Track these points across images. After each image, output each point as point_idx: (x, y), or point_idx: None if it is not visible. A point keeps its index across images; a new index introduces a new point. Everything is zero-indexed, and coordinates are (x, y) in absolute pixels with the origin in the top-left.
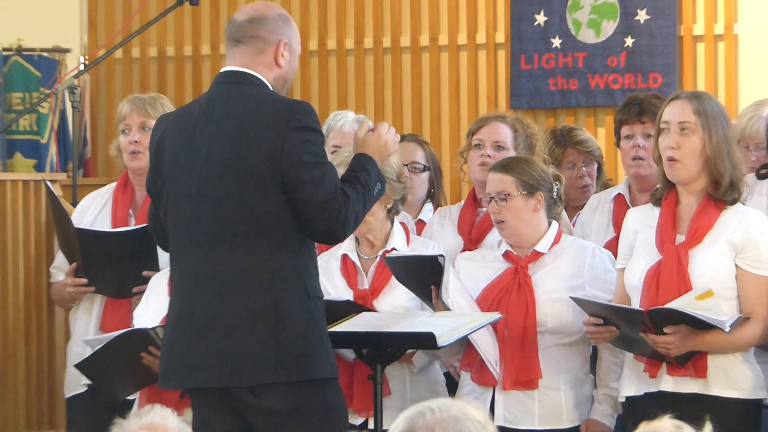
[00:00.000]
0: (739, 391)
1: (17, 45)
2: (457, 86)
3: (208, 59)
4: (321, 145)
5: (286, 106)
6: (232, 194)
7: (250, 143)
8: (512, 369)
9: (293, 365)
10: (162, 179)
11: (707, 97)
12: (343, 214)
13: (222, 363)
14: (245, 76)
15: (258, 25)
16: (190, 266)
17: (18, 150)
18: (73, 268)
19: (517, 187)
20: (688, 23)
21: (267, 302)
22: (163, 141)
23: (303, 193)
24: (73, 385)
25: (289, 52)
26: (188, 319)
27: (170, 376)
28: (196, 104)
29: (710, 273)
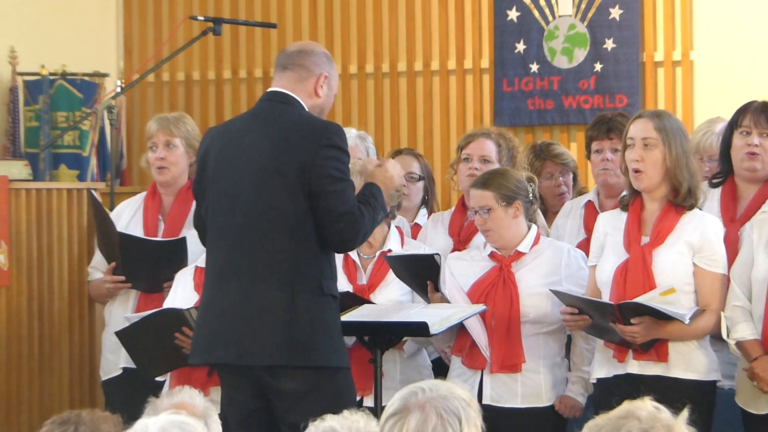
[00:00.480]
0: (696, 374)
1: (62, 70)
2: (447, 106)
3: (229, 82)
4: (346, 164)
5: (321, 126)
6: (265, 197)
7: (286, 154)
8: (498, 354)
9: (301, 352)
10: (205, 181)
11: (667, 116)
12: (356, 228)
13: (240, 343)
14: (287, 97)
15: (305, 56)
16: (223, 256)
17: (63, 162)
18: (112, 267)
19: (497, 200)
20: (650, 51)
21: (285, 295)
22: (209, 148)
23: (326, 203)
24: (109, 369)
25: (327, 87)
26: (217, 303)
27: (195, 353)
28: (241, 118)
29: (671, 270)
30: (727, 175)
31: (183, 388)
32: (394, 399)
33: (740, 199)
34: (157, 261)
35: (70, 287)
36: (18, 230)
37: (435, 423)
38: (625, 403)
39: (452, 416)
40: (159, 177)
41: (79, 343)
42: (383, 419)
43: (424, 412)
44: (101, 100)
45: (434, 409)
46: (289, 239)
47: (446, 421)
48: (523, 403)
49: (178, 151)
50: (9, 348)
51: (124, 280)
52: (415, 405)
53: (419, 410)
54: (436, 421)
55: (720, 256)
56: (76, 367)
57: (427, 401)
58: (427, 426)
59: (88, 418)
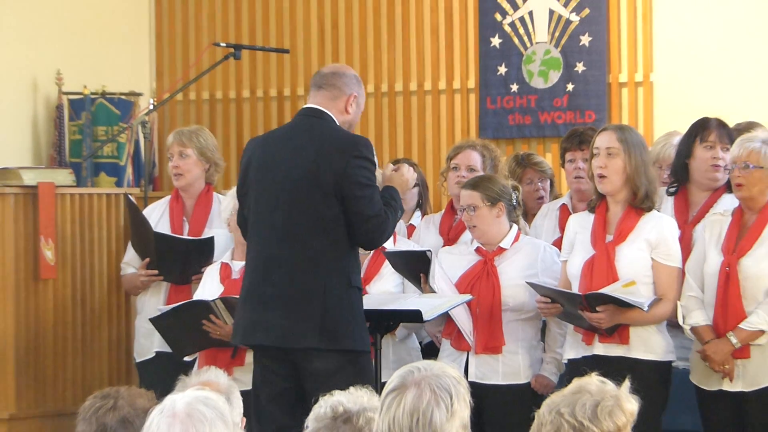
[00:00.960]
0: (654, 355)
1: (102, 90)
2: (438, 121)
3: (248, 101)
4: (373, 172)
5: (352, 139)
6: (302, 200)
7: (321, 164)
8: (482, 338)
9: (333, 337)
10: (248, 185)
11: (629, 129)
12: (382, 228)
13: (278, 328)
14: (321, 113)
15: (338, 77)
16: (264, 251)
17: (102, 170)
18: (146, 262)
19: (483, 200)
20: (615, 73)
21: (318, 286)
22: (251, 156)
23: (356, 206)
24: (143, 352)
25: (356, 105)
26: (258, 292)
27: (237, 335)
28: (281, 129)
29: (632, 264)
30: (681, 184)
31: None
32: (394, 377)
33: (692, 204)
34: (188, 257)
35: (108, 279)
36: (63, 230)
37: (429, 398)
38: (575, 381)
39: (444, 392)
40: (175, 183)
41: (116, 328)
42: (384, 395)
43: (420, 388)
44: (136, 116)
45: (428, 386)
46: (323, 238)
47: (439, 396)
48: (503, 380)
49: (190, 160)
50: (55, 332)
51: (157, 274)
52: (411, 382)
53: (415, 387)
54: (430, 396)
55: (675, 252)
56: (113, 349)
57: (423, 379)
58: (422, 401)
59: (126, 393)
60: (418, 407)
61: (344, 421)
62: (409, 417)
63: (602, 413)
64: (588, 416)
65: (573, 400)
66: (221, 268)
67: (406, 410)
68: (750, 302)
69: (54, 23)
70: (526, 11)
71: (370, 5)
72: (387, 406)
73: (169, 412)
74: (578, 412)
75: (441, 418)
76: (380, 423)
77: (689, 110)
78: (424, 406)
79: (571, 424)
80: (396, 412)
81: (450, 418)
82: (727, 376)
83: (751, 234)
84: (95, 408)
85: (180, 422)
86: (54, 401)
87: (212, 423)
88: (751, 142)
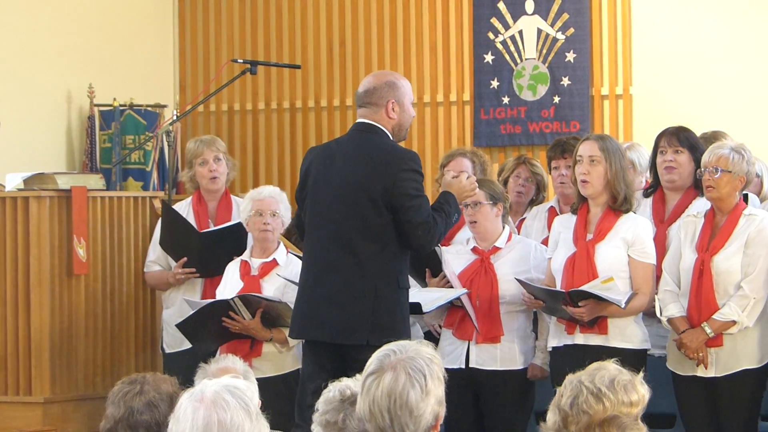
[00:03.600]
0: (630, 344)
1: (130, 102)
2: (436, 130)
3: (263, 112)
4: (421, 183)
5: (401, 153)
6: (355, 209)
7: (372, 175)
8: (483, 328)
9: (383, 333)
10: (306, 191)
11: (608, 138)
12: (431, 234)
13: (333, 325)
14: (373, 128)
15: (370, 95)
16: (321, 254)
17: (130, 175)
18: (183, 261)
19: (486, 198)
20: (597, 86)
21: (370, 287)
22: (310, 165)
23: (406, 215)
24: (176, 344)
25: (398, 106)
26: (315, 291)
27: (294, 329)
28: (337, 141)
29: (610, 261)
30: (657, 187)
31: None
32: (372, 359)
33: (667, 204)
34: (226, 245)
35: (135, 275)
36: (94, 230)
37: (404, 380)
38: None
39: (418, 373)
40: (212, 186)
41: (142, 320)
42: (363, 377)
43: (396, 371)
44: (161, 126)
45: (403, 369)
46: (374, 244)
47: (413, 378)
48: (501, 366)
49: (222, 164)
50: (87, 323)
51: (194, 271)
52: (388, 366)
53: (391, 370)
54: (405, 378)
55: (649, 249)
56: (140, 339)
57: (398, 362)
58: (398, 383)
59: (152, 379)
60: (395, 389)
61: (351, 403)
62: (387, 398)
63: (618, 385)
64: (606, 384)
65: (593, 373)
66: (241, 265)
67: (384, 392)
68: (722, 295)
69: (87, 41)
70: (516, 30)
71: (375, 25)
72: (367, 389)
73: (198, 396)
74: (597, 380)
75: (416, 398)
76: (361, 404)
77: (666, 120)
78: (400, 389)
79: (589, 389)
80: (375, 394)
81: (425, 397)
82: (702, 363)
83: (722, 233)
84: (123, 392)
85: (205, 407)
86: (85, 386)
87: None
88: (721, 149)
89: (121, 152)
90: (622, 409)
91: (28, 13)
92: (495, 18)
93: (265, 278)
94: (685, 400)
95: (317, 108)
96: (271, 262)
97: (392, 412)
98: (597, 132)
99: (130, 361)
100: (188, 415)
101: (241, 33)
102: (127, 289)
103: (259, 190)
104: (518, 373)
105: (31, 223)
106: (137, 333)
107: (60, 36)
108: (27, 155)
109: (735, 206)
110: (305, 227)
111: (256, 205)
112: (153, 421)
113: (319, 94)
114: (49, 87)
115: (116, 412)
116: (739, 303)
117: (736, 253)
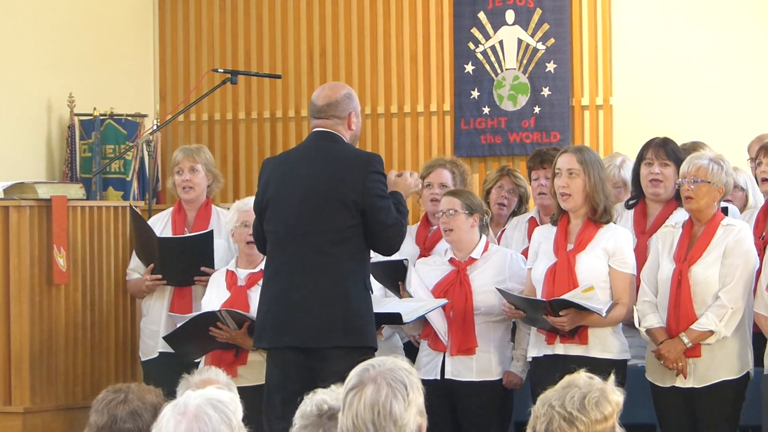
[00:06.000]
0: (610, 354)
1: (110, 111)
2: (417, 140)
3: (243, 122)
4: (386, 185)
5: (366, 156)
6: (323, 214)
7: (339, 179)
8: (456, 340)
9: (355, 335)
10: (267, 201)
11: (587, 150)
12: (401, 233)
13: (306, 330)
14: (333, 135)
15: (333, 108)
16: (288, 260)
17: (110, 185)
18: (150, 268)
19: (462, 207)
20: (577, 97)
21: (341, 290)
22: (271, 174)
23: (377, 216)
24: (149, 351)
25: (356, 118)
26: (285, 297)
27: (264, 338)
28: (296, 150)
29: (590, 271)
30: (639, 198)
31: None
32: (351, 375)
33: (648, 215)
34: (190, 257)
35: (115, 284)
36: (74, 239)
37: (386, 391)
38: (566, 377)
39: (399, 384)
40: (185, 195)
41: (123, 329)
42: (344, 393)
43: (377, 383)
44: (141, 136)
45: (384, 380)
46: (343, 248)
47: (395, 388)
48: (477, 377)
49: (199, 175)
50: (67, 333)
51: (161, 278)
52: (368, 379)
53: (373, 383)
54: (387, 389)
55: (630, 260)
56: (120, 348)
57: (378, 374)
58: (380, 395)
59: (136, 388)
60: (377, 401)
61: (329, 418)
62: (371, 411)
63: (589, 404)
64: (576, 407)
65: (563, 393)
66: (227, 276)
67: (367, 405)
68: (700, 306)
69: (67, 51)
70: (496, 41)
71: (355, 35)
72: (349, 404)
73: (181, 409)
74: (567, 403)
75: (399, 409)
76: (344, 420)
77: (646, 131)
78: (383, 400)
79: (561, 415)
80: (358, 408)
81: (408, 407)
82: (681, 374)
83: (700, 244)
84: (107, 401)
85: (187, 421)
86: (65, 396)
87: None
88: (700, 160)
89: (102, 162)
90: (596, 427)
91: (8, 23)
92: (475, 28)
93: (252, 288)
94: (664, 411)
95: (297, 118)
96: (258, 273)
97: (376, 423)
98: (577, 142)
99: (110, 371)
100: (170, 428)
101: (221, 42)
102: (108, 299)
103: (245, 201)
104: (495, 384)
105: (11, 233)
106: (118, 343)
107: (40, 45)
108: (7, 165)
109: (713, 216)
110: (268, 237)
111: (242, 216)
112: (136, 429)
113: (300, 103)
114: (29, 96)
115: (99, 420)
116: (717, 313)
117: (714, 264)
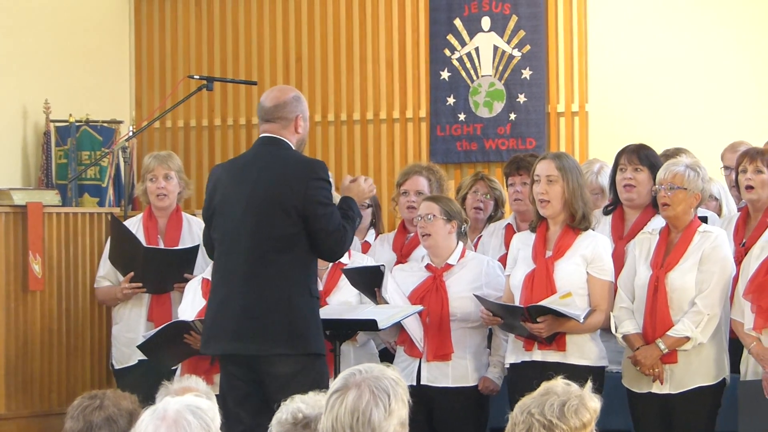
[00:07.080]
0: (588, 360)
1: (86, 118)
2: (392, 147)
3: (219, 128)
4: (330, 192)
5: (309, 163)
6: (267, 220)
7: (283, 186)
8: (432, 346)
9: (299, 342)
10: (214, 208)
11: (566, 156)
12: (344, 241)
13: (250, 337)
14: (279, 141)
15: (280, 109)
16: (232, 268)
17: (86, 191)
18: (130, 276)
19: (440, 213)
20: (553, 103)
21: (284, 297)
22: (217, 181)
23: (318, 224)
24: (125, 359)
25: (303, 121)
26: (229, 306)
27: (211, 345)
28: (243, 156)
29: (569, 278)
30: (617, 204)
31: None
32: (338, 378)
33: (626, 222)
34: (173, 267)
35: (90, 291)
36: (50, 246)
37: (368, 398)
38: (543, 384)
39: (383, 393)
40: (159, 203)
41: (98, 335)
42: (328, 395)
43: (360, 389)
44: (117, 142)
45: (368, 387)
46: (287, 254)
47: (377, 396)
48: (453, 383)
49: (173, 182)
50: (42, 339)
51: (141, 286)
52: (353, 383)
53: (356, 388)
54: (369, 396)
55: (608, 267)
56: (96, 355)
57: (363, 380)
58: (362, 401)
59: (112, 395)
60: (358, 407)
61: (303, 426)
62: (350, 416)
63: (569, 411)
64: (556, 414)
65: (542, 401)
66: (202, 284)
67: (348, 409)
68: (676, 312)
69: (42, 57)
70: (472, 47)
71: (331, 41)
72: (330, 406)
73: (160, 414)
74: (547, 411)
75: (379, 417)
76: (324, 421)
77: (621, 137)
78: (363, 406)
79: (541, 423)
80: (338, 411)
81: (388, 416)
82: (657, 380)
83: (677, 250)
84: (83, 407)
85: (166, 426)
86: (40, 402)
87: None
88: (676, 166)
89: (77, 168)
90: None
91: None
92: (451, 35)
93: None
94: (640, 417)
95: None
96: None
97: (354, 429)
98: (553, 149)
99: (86, 377)
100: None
101: (197, 49)
102: (83, 305)
103: None
104: (471, 390)
105: None
106: (93, 349)
107: (15, 51)
108: None
109: (690, 223)
110: (215, 244)
111: None
112: None
113: None
114: (5, 102)
115: (75, 426)
116: (693, 319)
117: (690, 270)
